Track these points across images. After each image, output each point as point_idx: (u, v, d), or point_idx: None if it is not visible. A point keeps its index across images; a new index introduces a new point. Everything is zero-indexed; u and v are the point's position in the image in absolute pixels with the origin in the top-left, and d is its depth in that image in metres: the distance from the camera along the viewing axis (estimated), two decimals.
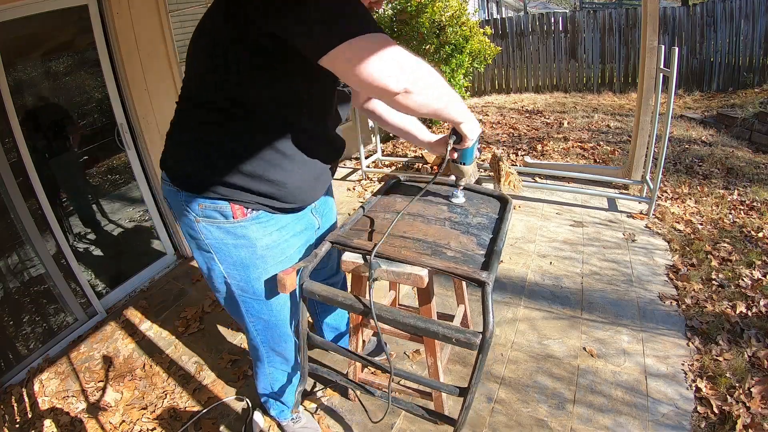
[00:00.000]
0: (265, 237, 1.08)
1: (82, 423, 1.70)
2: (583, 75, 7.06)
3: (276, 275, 1.11)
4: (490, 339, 0.92)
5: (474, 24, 4.60)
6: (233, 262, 1.09)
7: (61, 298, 2.15)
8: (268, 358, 1.34)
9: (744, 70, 6.36)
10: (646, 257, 2.46)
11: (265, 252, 1.09)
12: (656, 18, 2.79)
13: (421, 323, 0.97)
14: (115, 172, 2.65)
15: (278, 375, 1.40)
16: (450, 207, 1.33)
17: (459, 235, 1.18)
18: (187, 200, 1.03)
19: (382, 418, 1.39)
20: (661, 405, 1.59)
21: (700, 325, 1.93)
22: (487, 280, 0.97)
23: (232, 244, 1.06)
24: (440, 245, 1.12)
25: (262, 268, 1.11)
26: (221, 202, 1.01)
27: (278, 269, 1.12)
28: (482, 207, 1.35)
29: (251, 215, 1.04)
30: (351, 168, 4.13)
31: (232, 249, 1.07)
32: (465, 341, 0.92)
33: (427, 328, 0.96)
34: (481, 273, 0.99)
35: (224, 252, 1.08)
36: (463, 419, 1.10)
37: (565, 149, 4.32)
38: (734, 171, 3.58)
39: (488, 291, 0.95)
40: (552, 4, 18.16)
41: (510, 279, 2.34)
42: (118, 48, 2.22)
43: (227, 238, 1.06)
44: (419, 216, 1.28)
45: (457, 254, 1.09)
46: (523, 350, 1.87)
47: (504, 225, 1.23)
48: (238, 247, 1.07)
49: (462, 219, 1.26)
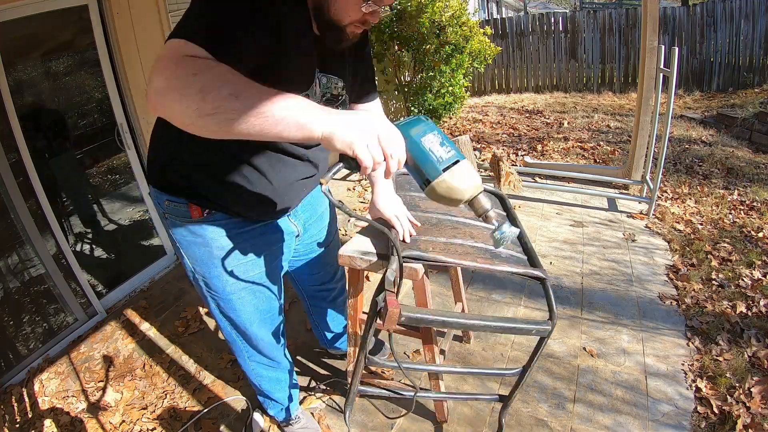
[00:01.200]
0: (221, 238, 1.08)
1: (82, 423, 1.70)
2: (583, 75, 7.06)
3: (239, 275, 1.13)
4: (553, 328, 1.01)
5: (474, 24, 4.59)
6: (194, 258, 1.12)
7: (61, 298, 2.15)
8: (247, 353, 1.34)
9: (744, 70, 6.36)
10: (646, 257, 2.46)
11: (221, 253, 1.10)
12: (656, 18, 2.79)
13: (507, 323, 1.02)
14: (115, 172, 2.65)
15: (262, 371, 1.39)
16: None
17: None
18: (156, 196, 1.07)
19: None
20: (661, 405, 1.59)
21: (700, 325, 1.93)
22: (544, 275, 1.07)
23: (191, 241, 1.09)
24: (491, 248, 1.13)
25: (220, 268, 1.12)
26: (180, 201, 1.03)
27: (239, 270, 1.13)
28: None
29: (208, 216, 1.05)
30: None
31: (193, 246, 1.10)
32: (542, 331, 1.01)
33: (513, 327, 1.02)
34: (537, 270, 1.09)
35: (186, 248, 1.11)
36: (514, 395, 1.26)
37: (565, 149, 4.32)
38: (734, 171, 3.58)
39: (548, 285, 1.06)
40: (552, 4, 18.16)
41: (511, 278, 2.34)
42: (118, 48, 2.22)
43: (188, 235, 1.08)
44: (447, 215, 1.29)
45: (508, 256, 1.14)
46: (523, 350, 1.87)
47: (519, 222, 1.26)
48: (196, 244, 1.09)
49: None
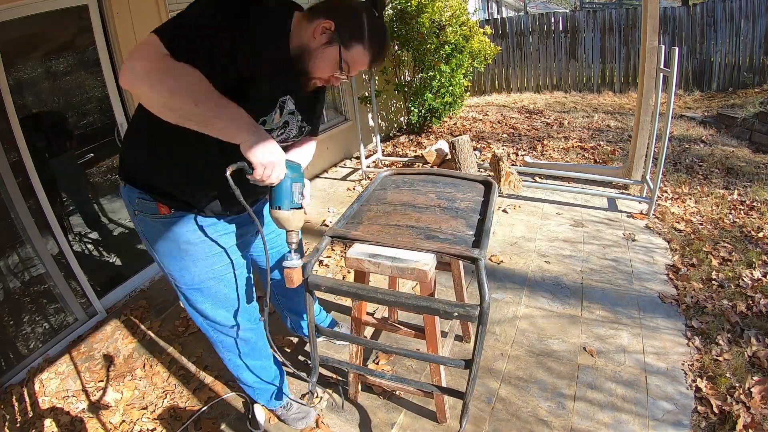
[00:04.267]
0: (188, 233, 1.14)
1: (82, 423, 1.70)
2: (583, 75, 7.06)
3: (206, 267, 1.18)
4: (487, 311, 0.98)
5: (474, 24, 4.60)
6: (163, 253, 1.17)
7: (61, 297, 2.15)
8: (221, 343, 1.36)
9: (744, 70, 6.36)
10: (646, 256, 2.46)
11: (188, 246, 1.15)
12: (656, 18, 2.79)
13: (424, 302, 1.03)
14: (115, 171, 2.65)
15: (236, 360, 1.41)
16: (438, 194, 1.40)
17: (449, 219, 1.25)
18: (128, 193, 1.12)
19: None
20: (661, 404, 1.59)
21: (700, 325, 1.93)
22: (479, 256, 1.05)
23: (159, 236, 1.14)
24: (433, 230, 1.20)
25: (188, 260, 1.17)
26: (150, 199, 1.09)
27: (205, 264, 1.18)
28: (468, 192, 1.42)
29: (175, 213, 1.11)
30: (351, 168, 4.13)
31: (160, 241, 1.15)
32: (465, 314, 0.99)
33: (429, 306, 1.02)
34: (473, 250, 1.08)
35: (155, 243, 1.16)
36: (470, 390, 1.15)
37: (565, 149, 4.32)
38: (734, 171, 3.58)
39: (481, 266, 1.03)
40: (552, 4, 18.16)
41: (511, 278, 2.34)
42: (118, 47, 2.22)
43: (155, 231, 1.13)
44: (410, 205, 1.34)
45: (449, 236, 1.16)
46: (523, 348, 1.87)
47: (490, 207, 1.30)
48: (164, 240, 1.14)
49: (450, 204, 1.33)
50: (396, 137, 5.04)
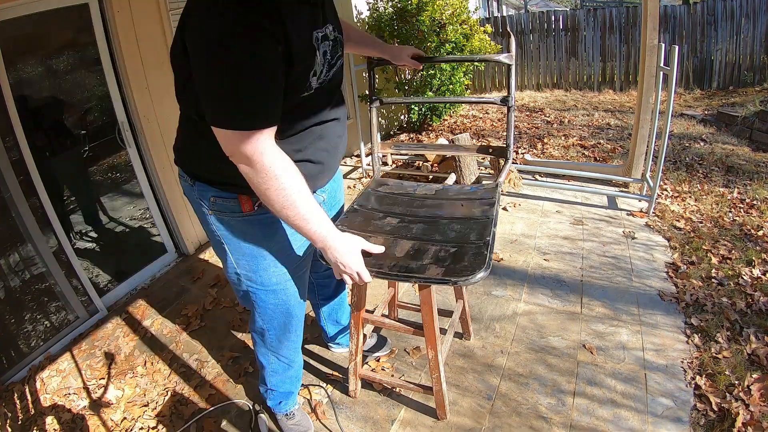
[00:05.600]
0: (267, 230, 1.12)
1: (83, 420, 1.70)
2: (583, 73, 7.05)
3: (284, 266, 1.16)
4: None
5: (474, 22, 4.59)
6: (242, 252, 1.14)
7: (62, 295, 2.16)
8: (273, 348, 1.36)
9: (744, 69, 6.35)
10: (646, 254, 2.47)
11: (271, 243, 1.13)
12: (656, 16, 2.79)
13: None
14: (116, 170, 2.65)
15: (279, 367, 1.42)
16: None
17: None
18: (200, 194, 1.08)
19: None
20: (661, 400, 1.59)
21: (700, 323, 1.93)
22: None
23: (240, 235, 1.11)
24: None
25: (269, 259, 1.15)
26: (230, 195, 1.06)
27: (285, 260, 1.17)
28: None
29: (258, 210, 1.08)
30: (351, 166, 4.14)
31: (241, 240, 1.12)
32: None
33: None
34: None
35: (233, 243, 1.13)
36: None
37: (566, 147, 4.32)
38: (734, 169, 3.58)
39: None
40: (552, 3, 18.11)
41: (511, 275, 2.35)
42: (118, 46, 2.22)
43: (236, 230, 1.11)
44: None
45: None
46: (523, 345, 1.88)
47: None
48: (246, 238, 1.12)
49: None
50: (396, 135, 5.04)
